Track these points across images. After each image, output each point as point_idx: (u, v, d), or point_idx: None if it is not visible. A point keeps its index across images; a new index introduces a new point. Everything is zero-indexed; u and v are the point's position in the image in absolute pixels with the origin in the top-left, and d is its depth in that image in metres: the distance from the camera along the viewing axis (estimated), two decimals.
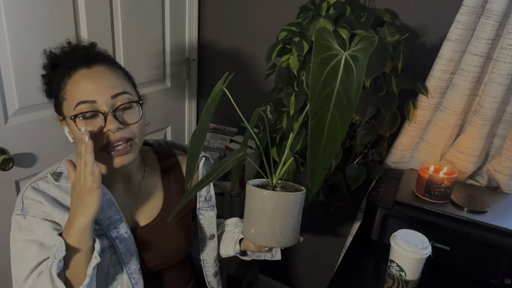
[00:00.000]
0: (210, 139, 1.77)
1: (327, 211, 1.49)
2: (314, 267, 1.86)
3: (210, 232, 1.01)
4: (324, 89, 0.58)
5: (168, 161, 0.99)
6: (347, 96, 0.58)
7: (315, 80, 0.57)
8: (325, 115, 0.58)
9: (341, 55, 0.59)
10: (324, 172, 0.62)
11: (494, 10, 1.05)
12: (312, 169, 0.62)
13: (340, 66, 0.58)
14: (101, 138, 0.78)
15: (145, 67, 1.56)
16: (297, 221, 0.76)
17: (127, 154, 0.81)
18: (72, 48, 0.85)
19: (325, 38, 0.59)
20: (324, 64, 0.58)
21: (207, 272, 1.05)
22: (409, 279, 0.91)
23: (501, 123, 1.22)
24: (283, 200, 0.72)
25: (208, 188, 1.01)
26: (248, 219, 0.76)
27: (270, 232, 0.73)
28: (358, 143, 1.24)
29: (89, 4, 1.27)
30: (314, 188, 0.64)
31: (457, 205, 1.08)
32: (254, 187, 0.74)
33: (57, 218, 0.81)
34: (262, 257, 1.04)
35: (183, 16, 1.68)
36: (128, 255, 0.85)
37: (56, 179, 0.83)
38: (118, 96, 0.79)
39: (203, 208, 1.00)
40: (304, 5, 1.31)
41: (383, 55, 1.08)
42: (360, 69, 0.58)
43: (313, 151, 0.60)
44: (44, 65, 0.86)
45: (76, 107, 0.77)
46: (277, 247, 0.89)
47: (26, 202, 0.80)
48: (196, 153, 0.75)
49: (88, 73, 0.79)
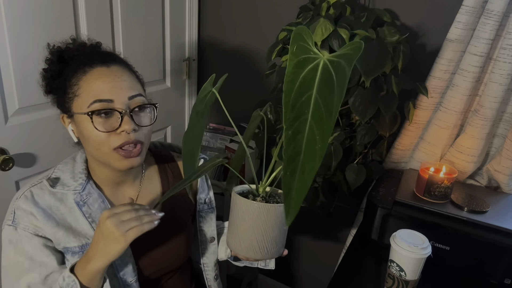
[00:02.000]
0: (210, 139, 1.77)
1: (327, 211, 1.49)
2: (314, 267, 1.86)
3: (210, 234, 1.00)
4: (300, 95, 0.51)
5: (166, 164, 0.98)
6: (326, 107, 0.50)
7: (289, 84, 0.51)
8: (303, 127, 0.51)
9: (319, 59, 0.52)
10: (303, 194, 0.52)
11: (494, 10, 1.05)
12: (289, 189, 0.51)
13: (317, 71, 0.52)
14: (114, 139, 0.77)
15: (145, 67, 1.56)
16: (279, 234, 0.70)
17: (138, 156, 0.80)
18: (79, 45, 0.84)
19: (303, 39, 0.53)
20: (300, 68, 0.52)
21: (208, 276, 1.04)
22: (409, 279, 0.91)
23: (501, 123, 1.22)
24: (263, 211, 0.67)
25: (207, 191, 1.00)
26: (230, 226, 0.73)
27: (247, 243, 0.69)
28: (358, 143, 1.24)
29: (89, 4, 1.27)
30: (291, 214, 0.52)
31: (457, 205, 1.07)
32: (236, 195, 0.70)
33: (48, 233, 0.79)
34: (255, 265, 1.01)
35: (183, 16, 1.68)
36: (124, 267, 0.83)
37: (52, 185, 0.81)
38: (134, 98, 0.79)
39: (203, 211, 0.99)
40: (304, 5, 1.31)
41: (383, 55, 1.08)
42: (341, 77, 0.50)
43: (290, 168, 0.51)
44: (48, 59, 0.83)
45: (92, 105, 0.76)
46: (255, 258, 0.82)
47: (17, 213, 0.78)
48: (192, 155, 0.73)
49: (106, 72, 0.78)
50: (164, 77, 1.69)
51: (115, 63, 0.81)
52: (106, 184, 0.87)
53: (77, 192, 0.81)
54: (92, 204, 0.82)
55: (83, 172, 0.84)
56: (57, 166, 0.85)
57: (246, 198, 0.69)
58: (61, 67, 0.81)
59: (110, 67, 0.79)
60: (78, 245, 0.80)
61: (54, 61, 0.82)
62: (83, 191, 0.82)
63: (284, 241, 0.74)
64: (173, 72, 1.71)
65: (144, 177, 0.93)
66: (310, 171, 0.51)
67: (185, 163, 0.77)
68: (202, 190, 0.99)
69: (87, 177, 0.84)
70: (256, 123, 0.82)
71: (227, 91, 1.73)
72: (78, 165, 0.85)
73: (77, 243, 0.80)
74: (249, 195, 0.71)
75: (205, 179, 1.01)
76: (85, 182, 0.83)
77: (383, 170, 1.32)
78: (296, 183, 0.51)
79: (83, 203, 0.81)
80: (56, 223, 0.79)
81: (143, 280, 0.88)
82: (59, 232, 0.79)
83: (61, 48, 0.83)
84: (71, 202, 0.81)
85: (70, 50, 0.82)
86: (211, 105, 0.73)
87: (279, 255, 0.74)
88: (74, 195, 0.81)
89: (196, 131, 0.74)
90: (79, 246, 0.80)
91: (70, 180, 0.82)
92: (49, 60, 0.83)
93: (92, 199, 0.83)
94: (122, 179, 0.88)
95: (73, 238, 0.80)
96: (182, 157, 0.76)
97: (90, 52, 0.81)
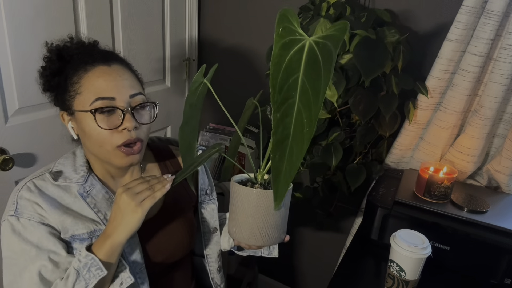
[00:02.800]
0: (210, 139, 1.77)
1: (327, 211, 1.49)
2: (314, 267, 1.86)
3: (212, 225, 1.02)
4: (287, 78, 0.51)
5: (165, 157, 0.99)
6: (313, 89, 0.50)
7: (276, 66, 0.51)
8: (291, 110, 0.51)
9: (305, 41, 0.52)
10: (291, 176, 0.53)
11: (494, 10, 1.05)
12: (278, 173, 0.52)
13: (303, 53, 0.51)
14: (117, 137, 0.78)
15: (145, 67, 1.56)
16: (280, 219, 0.72)
17: (138, 154, 0.82)
18: (77, 43, 0.84)
19: (288, 20, 0.53)
20: (285, 50, 0.51)
21: (211, 267, 1.04)
22: (409, 279, 0.91)
23: (501, 123, 1.22)
24: (262, 197, 0.68)
25: (208, 182, 1.02)
26: (230, 215, 0.75)
27: (248, 230, 0.71)
28: (358, 143, 1.24)
29: (89, 4, 1.27)
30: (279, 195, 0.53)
31: (457, 205, 1.07)
32: (235, 183, 0.72)
33: (55, 221, 0.78)
34: (259, 253, 1.03)
35: (183, 16, 1.68)
36: (133, 255, 0.84)
37: (54, 178, 0.81)
38: (135, 97, 0.80)
39: (204, 202, 1.00)
40: (304, 5, 1.31)
41: (383, 55, 1.08)
42: (327, 59, 0.50)
43: (279, 151, 0.52)
44: (46, 57, 0.83)
45: (94, 103, 0.77)
46: (257, 245, 0.85)
47: (20, 203, 0.78)
48: (190, 147, 0.74)
49: (108, 71, 0.79)
50: (164, 77, 1.69)
51: (116, 62, 0.82)
52: (105, 178, 0.88)
53: (80, 184, 0.82)
54: (96, 195, 0.83)
55: (84, 165, 0.85)
56: (57, 160, 0.86)
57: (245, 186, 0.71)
58: (60, 65, 0.81)
59: (112, 66, 0.80)
60: (87, 232, 0.80)
61: (53, 59, 0.82)
62: (86, 182, 0.83)
63: (285, 227, 0.75)
64: (173, 72, 1.71)
65: (144, 171, 0.94)
66: (298, 154, 0.52)
67: (184, 155, 0.78)
68: (203, 181, 1.01)
69: (88, 170, 0.85)
70: (249, 111, 0.82)
71: (227, 91, 1.73)
72: (78, 158, 0.86)
73: (86, 230, 0.80)
74: (248, 184, 0.73)
75: (205, 171, 1.02)
76: (86, 175, 0.84)
77: (383, 170, 1.32)
78: (285, 167, 0.52)
79: (87, 194, 0.82)
80: (63, 211, 0.79)
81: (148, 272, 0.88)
82: (67, 219, 0.79)
83: (60, 46, 0.83)
84: (75, 193, 0.82)
85: (69, 49, 0.83)
86: (203, 96, 0.73)
87: (281, 241, 0.76)
88: (77, 187, 0.82)
89: (191, 124, 0.75)
90: (87, 232, 0.80)
91: (72, 173, 0.83)
92: (47, 58, 0.83)
93: (96, 190, 0.84)
94: (120, 174, 0.89)
95: (81, 225, 0.80)
96: (180, 151, 0.77)
97: (90, 51, 0.82)
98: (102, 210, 0.83)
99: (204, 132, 1.73)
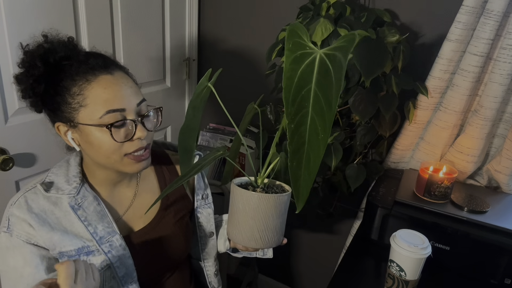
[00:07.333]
0: (210, 139, 1.77)
1: (327, 211, 1.49)
2: (314, 267, 1.86)
3: (209, 229, 1.01)
4: (300, 90, 0.53)
5: (162, 162, 0.98)
6: (326, 99, 0.53)
7: (288, 80, 0.53)
8: (305, 119, 0.54)
9: (316, 54, 0.54)
10: (311, 182, 0.56)
11: (494, 10, 1.05)
12: (296, 179, 0.55)
13: (314, 65, 0.53)
14: (128, 146, 0.78)
15: (145, 67, 1.56)
16: (279, 223, 0.73)
17: (148, 159, 0.82)
18: (57, 43, 0.79)
19: (298, 35, 0.55)
20: (297, 63, 0.54)
21: (208, 271, 1.05)
22: (409, 279, 0.91)
23: (501, 123, 1.22)
24: (264, 201, 0.69)
25: (204, 187, 1.01)
26: (230, 218, 0.75)
27: (248, 233, 0.71)
28: (358, 143, 1.24)
29: (89, 5, 1.27)
30: (301, 200, 0.56)
31: (457, 205, 1.08)
32: (236, 186, 0.72)
33: (43, 238, 0.78)
34: (253, 254, 1.03)
35: (183, 16, 1.68)
36: (123, 269, 0.83)
37: (46, 189, 0.80)
38: (141, 104, 0.80)
39: (201, 207, 1.00)
40: (304, 5, 1.31)
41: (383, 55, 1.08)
42: (338, 69, 0.52)
43: (296, 159, 0.55)
44: (26, 62, 0.77)
45: (105, 116, 0.74)
46: (256, 248, 0.86)
47: (11, 220, 0.78)
48: (188, 149, 0.74)
49: (113, 80, 0.77)
50: (164, 77, 1.69)
51: (116, 68, 0.80)
52: (102, 186, 0.87)
53: (72, 196, 0.81)
54: (88, 207, 0.82)
55: (77, 176, 0.83)
56: (51, 169, 0.85)
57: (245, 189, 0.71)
58: (45, 70, 0.76)
59: (114, 74, 0.78)
60: (74, 249, 0.80)
61: (36, 65, 0.76)
62: (78, 194, 0.82)
63: (283, 230, 0.76)
64: (173, 72, 1.71)
65: (140, 176, 0.93)
66: (315, 159, 0.55)
67: (181, 157, 0.78)
68: (199, 187, 1.00)
69: (81, 180, 0.83)
70: (250, 116, 0.83)
71: (227, 91, 1.74)
72: (72, 168, 0.84)
73: (73, 247, 0.80)
74: (248, 187, 0.73)
75: (202, 176, 1.02)
76: (79, 186, 0.82)
77: (383, 170, 1.32)
78: (303, 171, 0.55)
79: (78, 207, 0.81)
80: (51, 227, 0.79)
81: (143, 279, 0.87)
82: (54, 236, 0.78)
83: (43, 49, 0.77)
84: (65, 206, 0.80)
85: (53, 51, 0.77)
86: (206, 99, 0.74)
87: (279, 244, 0.76)
88: (68, 199, 0.81)
89: (192, 126, 0.75)
90: (75, 249, 0.80)
91: (64, 184, 0.82)
92: (28, 63, 0.77)
93: (87, 202, 0.82)
94: (120, 179, 0.88)
95: (69, 242, 0.79)
96: (179, 152, 0.77)
97: (83, 57, 0.77)
98: (93, 223, 0.82)
99: (204, 132, 1.73)
